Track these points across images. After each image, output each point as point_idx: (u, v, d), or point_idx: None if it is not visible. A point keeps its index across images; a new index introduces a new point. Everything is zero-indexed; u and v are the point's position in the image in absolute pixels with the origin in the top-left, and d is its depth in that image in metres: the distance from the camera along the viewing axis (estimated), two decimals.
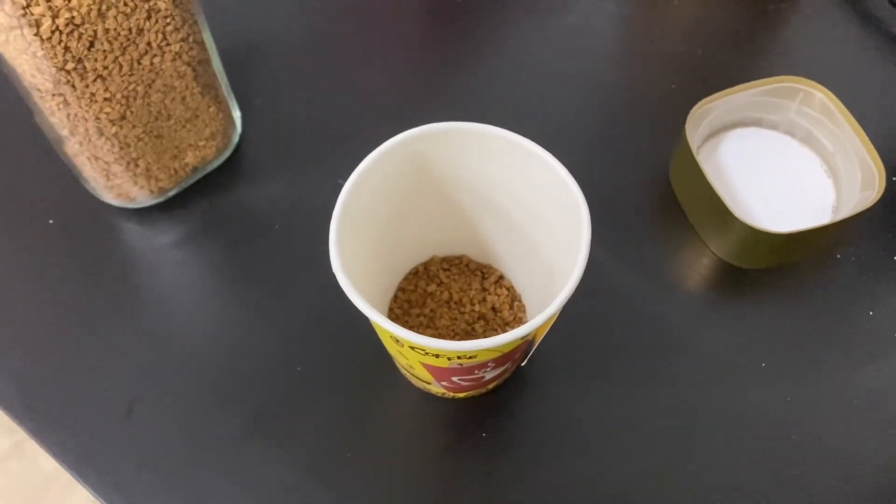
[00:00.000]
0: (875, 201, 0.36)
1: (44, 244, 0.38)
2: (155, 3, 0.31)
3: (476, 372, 0.30)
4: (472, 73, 0.44)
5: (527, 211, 0.32)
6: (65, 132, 0.34)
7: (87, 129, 0.33)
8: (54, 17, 0.28)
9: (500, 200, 0.33)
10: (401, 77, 0.45)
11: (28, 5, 0.28)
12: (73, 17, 0.29)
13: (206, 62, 0.35)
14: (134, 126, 0.34)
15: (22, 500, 1.06)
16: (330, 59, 0.45)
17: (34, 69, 0.30)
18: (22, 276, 0.38)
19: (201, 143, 0.38)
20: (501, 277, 0.36)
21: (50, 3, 0.28)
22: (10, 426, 1.10)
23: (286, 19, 0.46)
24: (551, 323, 0.29)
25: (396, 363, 0.34)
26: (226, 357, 0.36)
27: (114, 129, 0.34)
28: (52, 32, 0.29)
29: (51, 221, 0.39)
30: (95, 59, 0.31)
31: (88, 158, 0.35)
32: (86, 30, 0.29)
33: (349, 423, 0.34)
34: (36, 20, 0.28)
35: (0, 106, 0.42)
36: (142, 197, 0.38)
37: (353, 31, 0.46)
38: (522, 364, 0.33)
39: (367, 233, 0.31)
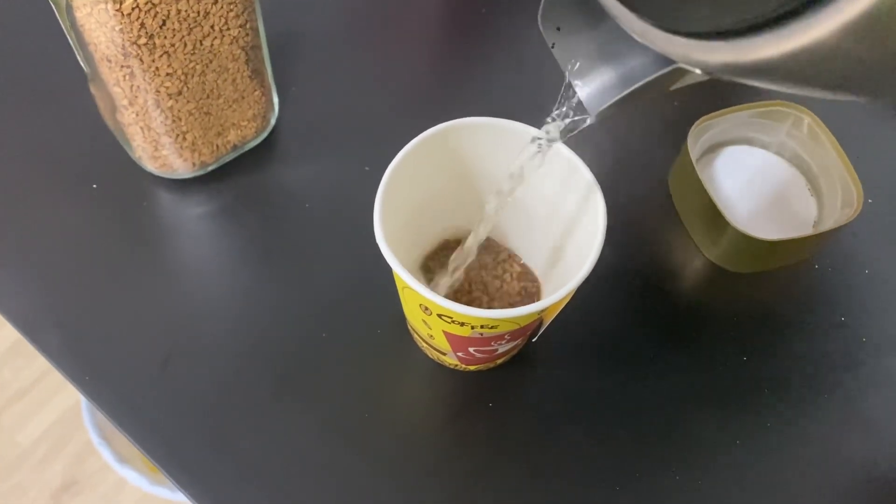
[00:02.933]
0: (853, 218, 0.40)
1: (87, 207, 0.41)
2: None
3: (492, 343, 0.34)
4: (490, 74, 0.48)
5: (547, 203, 0.36)
6: (124, 102, 0.36)
7: (145, 101, 0.36)
8: None
9: (522, 191, 0.36)
10: (424, 75, 0.48)
11: None
12: None
13: (257, 48, 0.38)
14: (188, 101, 0.37)
15: None
16: (362, 53, 0.48)
17: (109, 41, 0.33)
18: (67, 235, 0.40)
19: (244, 123, 0.41)
20: (518, 258, 0.39)
21: None
22: None
23: (324, 13, 0.49)
24: (563, 304, 0.33)
25: (415, 334, 0.37)
26: (257, 320, 0.39)
27: (170, 103, 0.37)
28: (133, 9, 0.32)
29: (94, 186, 0.42)
30: (165, 37, 0.34)
31: (141, 128, 0.38)
32: (161, 9, 0.32)
33: (368, 387, 0.37)
34: None
35: (53, 75, 0.44)
36: (183, 169, 0.41)
37: (385, 31, 0.49)
38: (534, 340, 0.37)
39: (402, 210, 0.34)
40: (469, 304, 0.38)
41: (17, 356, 1.13)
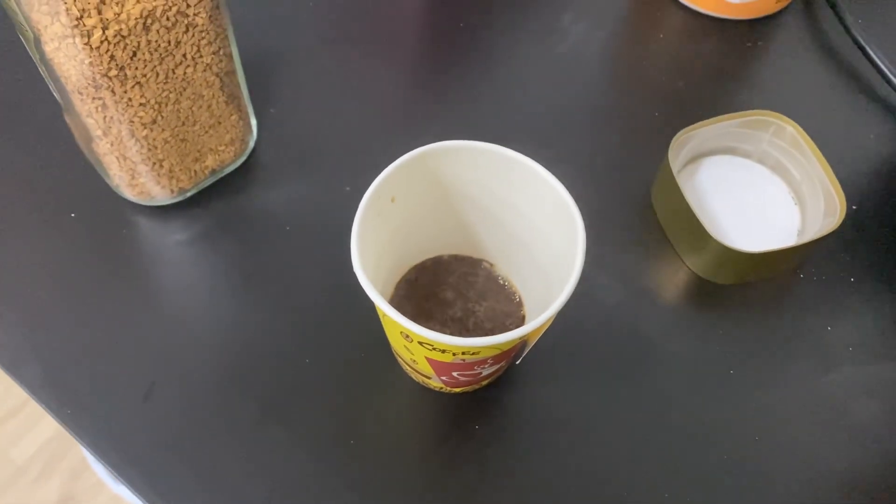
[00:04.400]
0: (836, 227, 0.40)
1: (66, 236, 0.41)
2: (193, 19, 0.34)
3: (475, 368, 0.33)
4: (469, 95, 0.48)
5: (526, 223, 0.35)
6: (98, 133, 0.36)
7: (119, 131, 0.36)
8: (104, 28, 0.31)
9: (500, 212, 0.36)
10: (402, 94, 0.48)
11: (81, 17, 0.30)
12: (120, 29, 0.31)
13: (232, 73, 0.38)
14: (163, 130, 0.37)
15: None
16: (340, 73, 0.48)
17: (80, 74, 0.33)
18: (46, 265, 0.40)
19: (221, 148, 0.40)
20: (500, 276, 0.39)
21: (101, 16, 0.31)
22: None
23: (301, 34, 0.49)
24: (546, 327, 0.32)
25: (399, 358, 0.37)
26: (238, 348, 0.38)
27: (144, 132, 0.36)
28: (101, 42, 0.31)
29: (73, 214, 0.41)
30: (136, 68, 0.33)
31: (117, 157, 0.38)
32: (131, 41, 0.32)
33: (353, 413, 0.37)
34: (88, 31, 0.31)
35: (29, 104, 0.44)
36: (162, 196, 0.40)
37: (362, 50, 0.49)
38: (517, 363, 0.36)
39: (380, 235, 0.34)
40: (466, 330, 0.38)
41: None
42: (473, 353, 0.31)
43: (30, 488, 1.07)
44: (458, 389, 0.37)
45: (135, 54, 0.33)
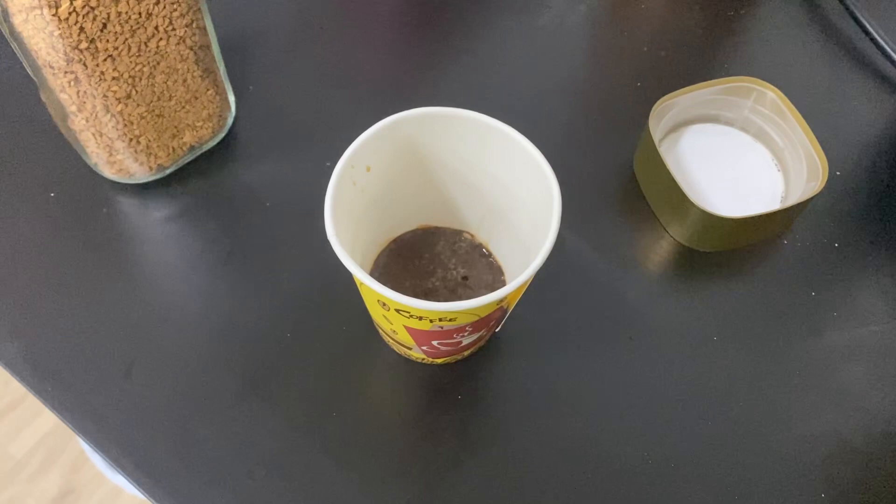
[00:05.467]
0: (818, 191, 0.39)
1: (45, 216, 0.41)
2: None
3: (455, 336, 0.33)
4: (451, 67, 0.47)
5: (504, 191, 0.35)
6: (73, 108, 0.36)
7: (94, 106, 0.36)
8: None
9: (479, 181, 0.36)
10: (383, 70, 0.47)
11: None
12: (89, 0, 0.31)
13: (206, 47, 0.38)
14: (138, 105, 0.37)
15: None
16: (319, 49, 0.47)
17: (49, 47, 0.32)
18: (26, 245, 0.40)
19: (199, 124, 0.40)
20: (481, 246, 0.39)
21: None
22: None
23: (279, 10, 0.48)
24: (523, 290, 0.32)
25: (380, 330, 0.37)
26: (220, 324, 0.38)
27: (119, 107, 0.36)
28: (70, 13, 0.31)
29: (52, 194, 0.41)
30: (107, 40, 0.33)
31: (93, 134, 0.37)
32: (100, 12, 0.32)
33: (335, 386, 0.37)
34: (55, 1, 0.30)
35: (5, 84, 0.44)
36: (140, 173, 0.40)
37: (341, 26, 0.49)
38: (497, 330, 0.36)
39: (356, 205, 0.34)
40: (447, 299, 0.38)
41: None
42: (451, 320, 0.31)
43: (29, 482, 1.07)
44: (439, 360, 0.37)
45: (105, 26, 0.32)
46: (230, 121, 0.43)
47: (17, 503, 1.06)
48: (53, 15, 0.31)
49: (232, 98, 0.42)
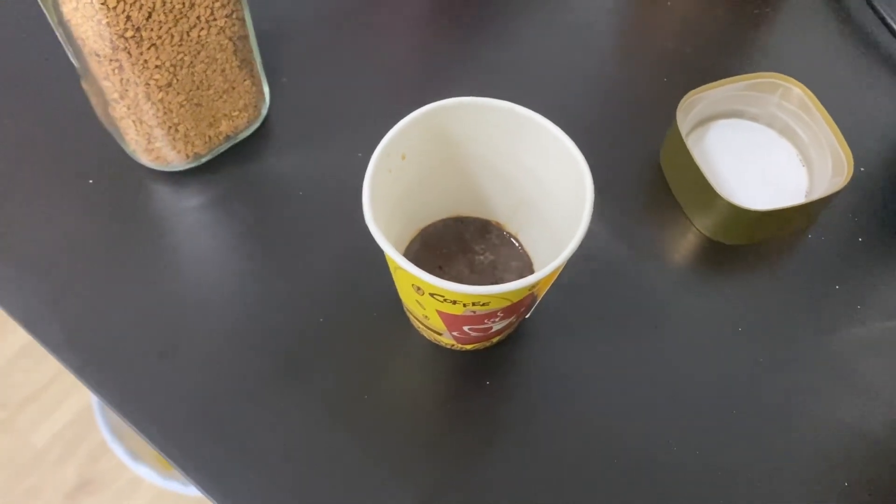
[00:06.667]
0: (843, 186, 0.40)
1: (84, 202, 0.42)
2: None
3: (485, 321, 0.34)
4: (480, 60, 0.48)
5: (535, 181, 0.36)
6: (115, 96, 0.37)
7: (136, 94, 0.37)
8: None
9: (510, 171, 0.37)
10: (413, 59, 0.48)
11: None
12: None
13: (245, 38, 0.39)
14: (178, 93, 0.38)
15: (11, 474, 1.07)
16: (351, 40, 0.48)
17: (97, 35, 0.33)
18: (66, 230, 0.41)
19: (235, 114, 0.41)
20: (510, 235, 0.39)
21: None
22: (0, 401, 1.12)
23: (312, 3, 0.49)
24: (554, 278, 0.33)
25: (410, 315, 0.38)
26: (254, 308, 0.39)
27: (160, 95, 0.37)
28: (118, 2, 0.32)
29: (91, 181, 0.42)
30: (151, 29, 0.34)
31: (133, 122, 0.38)
32: (146, 1, 0.33)
33: (366, 370, 0.38)
34: None
35: (45, 74, 0.45)
36: (177, 161, 0.41)
37: (373, 17, 0.49)
38: (527, 316, 0.37)
39: (391, 193, 0.34)
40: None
41: (29, 358, 1.14)
42: (483, 304, 0.32)
43: (50, 471, 1.08)
44: (468, 346, 0.38)
45: (150, 15, 0.33)
46: (264, 111, 0.43)
47: (37, 492, 1.07)
48: (103, 3, 0.32)
49: (266, 89, 0.43)
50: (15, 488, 1.07)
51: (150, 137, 0.39)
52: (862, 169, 0.45)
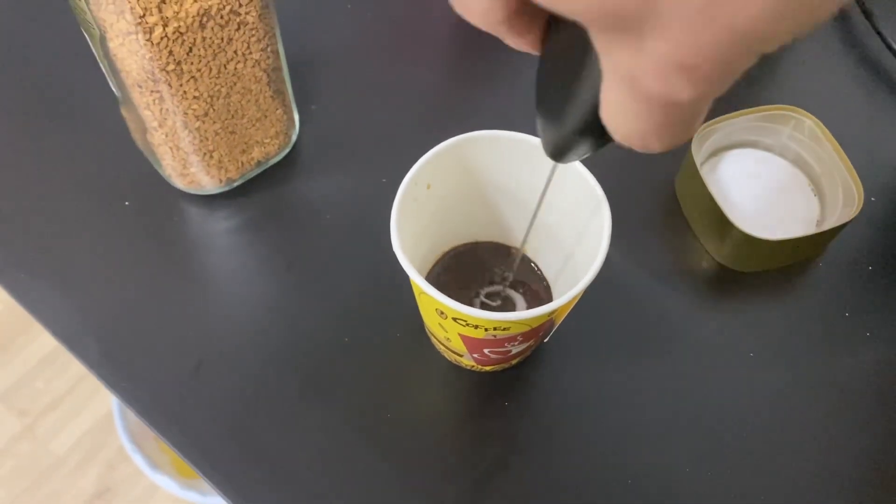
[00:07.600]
0: (854, 216, 0.41)
1: (120, 222, 0.43)
2: (244, 18, 0.36)
3: (505, 345, 0.35)
4: (499, 94, 0.50)
5: (554, 209, 0.37)
6: (154, 124, 0.39)
7: (174, 123, 0.38)
8: (165, 25, 0.33)
9: (529, 199, 0.38)
10: (438, 89, 0.50)
11: (144, 15, 0.33)
12: (179, 27, 0.34)
13: (278, 69, 0.40)
14: (214, 122, 0.39)
15: (31, 481, 1.09)
16: (377, 70, 0.50)
17: (140, 68, 0.35)
18: (102, 249, 0.43)
19: (266, 141, 0.43)
20: (529, 261, 0.41)
21: (162, 15, 0.33)
22: (22, 408, 1.14)
23: (340, 32, 0.51)
24: (573, 304, 0.34)
25: (432, 337, 0.39)
26: (281, 328, 0.41)
27: (197, 124, 0.39)
28: (161, 38, 0.34)
29: (126, 203, 0.44)
30: (192, 63, 0.36)
31: (171, 148, 0.40)
32: (188, 37, 0.35)
33: (388, 389, 0.39)
34: (150, 28, 0.33)
35: (88, 102, 0.47)
36: (210, 185, 0.43)
37: (398, 47, 0.51)
38: (545, 340, 0.38)
39: (416, 220, 0.36)
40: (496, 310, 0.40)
41: (50, 367, 1.16)
42: (504, 329, 0.33)
43: (69, 479, 1.10)
44: (488, 368, 0.39)
45: (191, 50, 0.35)
46: (294, 138, 0.45)
47: (56, 498, 1.09)
48: (147, 39, 0.33)
49: (297, 116, 0.45)
50: (35, 495, 1.09)
51: (185, 163, 0.41)
52: (872, 199, 0.46)
